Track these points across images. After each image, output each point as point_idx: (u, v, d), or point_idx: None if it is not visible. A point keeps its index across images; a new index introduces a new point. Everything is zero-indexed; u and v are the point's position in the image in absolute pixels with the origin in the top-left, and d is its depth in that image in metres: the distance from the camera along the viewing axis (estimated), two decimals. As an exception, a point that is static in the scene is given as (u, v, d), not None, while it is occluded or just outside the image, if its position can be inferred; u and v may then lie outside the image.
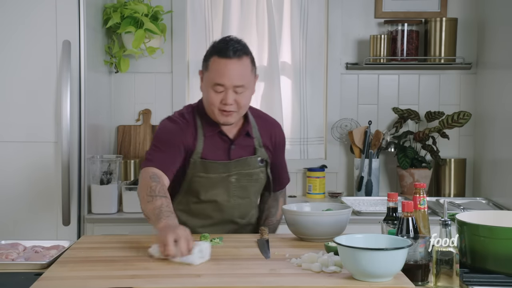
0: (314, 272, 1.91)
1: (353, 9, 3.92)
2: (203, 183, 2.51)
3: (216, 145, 2.51)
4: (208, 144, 2.50)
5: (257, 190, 2.63)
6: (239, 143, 2.54)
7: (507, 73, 3.45)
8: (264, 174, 2.60)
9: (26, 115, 3.17)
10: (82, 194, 3.22)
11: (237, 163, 2.52)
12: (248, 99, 2.47)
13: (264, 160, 2.59)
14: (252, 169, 2.55)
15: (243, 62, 2.41)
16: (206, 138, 2.50)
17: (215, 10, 3.88)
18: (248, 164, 2.54)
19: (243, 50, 2.42)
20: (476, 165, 3.89)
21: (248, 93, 2.45)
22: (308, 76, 3.92)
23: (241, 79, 2.39)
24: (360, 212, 3.33)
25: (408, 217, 1.98)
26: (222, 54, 2.39)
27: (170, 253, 2.03)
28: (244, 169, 2.53)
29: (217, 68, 2.39)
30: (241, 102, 2.42)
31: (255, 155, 2.56)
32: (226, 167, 2.51)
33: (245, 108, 2.48)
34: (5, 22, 3.15)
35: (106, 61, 3.63)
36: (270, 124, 2.67)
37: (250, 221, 2.65)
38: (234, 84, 2.38)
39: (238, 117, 2.48)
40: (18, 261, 2.09)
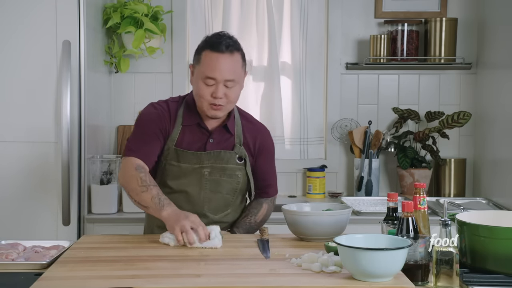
0: (314, 272, 1.91)
1: (353, 9, 3.92)
2: (174, 172, 2.53)
3: (194, 137, 2.54)
4: (186, 133, 2.53)
5: (233, 188, 2.59)
6: (218, 138, 2.55)
7: (507, 73, 3.45)
8: (243, 173, 2.59)
9: (26, 115, 3.17)
10: (82, 194, 3.22)
11: (210, 155, 2.53)
12: (237, 93, 2.50)
13: (243, 159, 2.58)
14: (226, 164, 2.55)
15: (234, 57, 2.45)
16: (184, 128, 2.53)
17: (215, 10, 3.88)
18: (222, 158, 2.54)
19: (235, 46, 2.47)
20: (476, 165, 3.89)
21: (237, 88, 2.48)
22: (308, 76, 3.92)
23: (232, 73, 2.43)
24: (360, 212, 3.34)
25: (408, 217, 1.98)
26: (214, 48, 2.43)
27: (191, 240, 2.18)
28: (217, 163, 2.54)
29: (209, 62, 2.43)
30: (231, 96, 2.46)
31: (232, 151, 2.56)
32: (199, 159, 2.52)
33: (234, 103, 2.52)
34: (5, 22, 3.15)
35: (106, 61, 3.63)
36: (257, 128, 2.67)
37: (224, 219, 2.60)
38: (225, 78, 2.42)
39: (226, 112, 2.51)
40: (18, 261, 2.09)
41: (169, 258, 2.12)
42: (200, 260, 2.10)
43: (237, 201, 2.65)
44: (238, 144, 2.58)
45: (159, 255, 2.15)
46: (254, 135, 2.63)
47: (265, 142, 2.66)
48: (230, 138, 2.57)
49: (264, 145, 2.65)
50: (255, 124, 2.68)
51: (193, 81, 2.51)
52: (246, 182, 2.63)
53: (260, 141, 2.64)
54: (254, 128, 2.65)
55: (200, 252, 2.18)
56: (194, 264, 2.05)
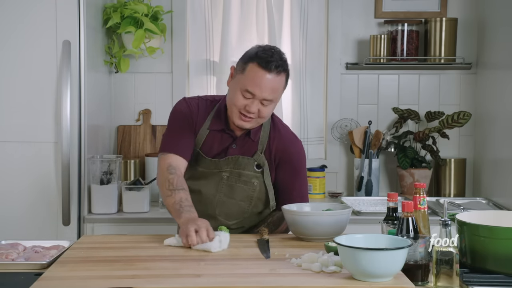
0: (314, 272, 1.91)
1: (353, 9, 3.92)
2: (193, 173, 2.55)
3: (218, 141, 2.53)
4: (210, 137, 2.53)
5: (249, 195, 2.54)
6: (241, 144, 2.53)
7: (507, 73, 3.45)
8: (260, 182, 2.54)
9: (26, 115, 3.17)
10: (82, 194, 3.22)
11: (228, 160, 2.52)
12: (271, 111, 2.47)
13: (261, 167, 2.53)
14: (243, 170, 2.52)
15: (280, 78, 2.40)
16: (210, 132, 2.53)
17: (215, 10, 3.88)
18: (240, 163, 2.52)
19: (283, 67, 2.41)
20: (476, 165, 3.89)
21: (272, 106, 2.44)
22: (308, 76, 3.92)
23: (272, 94, 2.39)
24: (360, 212, 3.34)
25: (408, 217, 1.98)
26: (263, 65, 2.36)
27: (193, 242, 2.18)
28: (235, 168, 2.52)
29: (254, 76, 2.37)
30: (264, 113, 2.42)
31: (251, 157, 2.52)
32: (217, 165, 2.53)
33: (265, 119, 2.48)
34: (5, 22, 3.15)
35: (106, 61, 3.63)
36: (283, 137, 2.57)
37: (240, 225, 2.58)
38: (264, 97, 2.38)
39: (255, 125, 2.48)
40: (18, 261, 2.09)
41: (169, 258, 2.12)
42: (200, 260, 2.10)
43: (255, 210, 2.58)
44: (259, 152, 2.52)
45: (159, 255, 2.15)
46: (278, 144, 2.54)
47: (288, 153, 2.55)
48: (253, 145, 2.53)
49: (286, 156, 2.55)
50: (283, 134, 2.58)
51: (231, 86, 2.47)
52: (264, 191, 2.56)
53: (283, 151, 2.54)
54: (280, 138, 2.56)
55: (200, 252, 2.18)
56: (194, 264, 2.05)
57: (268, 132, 2.55)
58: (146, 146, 3.80)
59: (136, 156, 3.79)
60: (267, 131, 2.55)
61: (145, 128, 3.84)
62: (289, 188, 2.57)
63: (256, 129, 2.53)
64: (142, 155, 3.76)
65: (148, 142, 3.81)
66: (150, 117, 3.86)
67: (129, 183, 3.41)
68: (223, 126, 2.52)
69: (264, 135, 2.54)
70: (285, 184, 2.57)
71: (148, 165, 3.67)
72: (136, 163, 3.70)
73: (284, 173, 2.56)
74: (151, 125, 3.85)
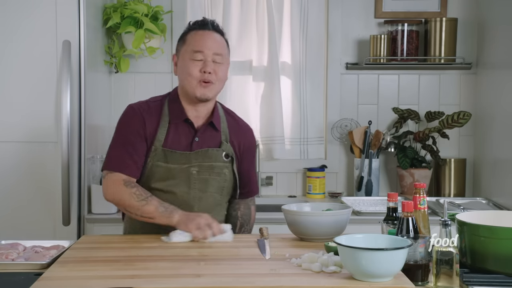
0: (314, 272, 1.91)
1: (353, 9, 3.92)
2: (161, 173, 2.48)
3: (180, 135, 2.51)
4: (172, 133, 2.50)
5: (221, 186, 2.55)
6: (203, 135, 2.53)
7: (507, 73, 3.45)
8: (230, 171, 2.57)
9: (26, 115, 3.17)
10: (82, 194, 3.22)
11: (198, 154, 2.50)
12: (225, 73, 2.52)
13: (230, 156, 2.56)
14: (214, 162, 2.52)
15: (219, 36, 2.51)
16: (170, 126, 2.50)
17: (215, 10, 3.88)
18: (210, 156, 2.51)
19: (219, 28, 2.53)
20: (476, 165, 3.89)
21: (225, 68, 2.51)
22: (308, 76, 3.92)
23: (219, 48, 2.47)
24: (360, 212, 3.34)
25: (408, 217, 1.98)
26: (201, 27, 2.50)
27: (207, 235, 2.28)
28: (205, 161, 2.51)
29: (196, 38, 2.47)
30: (219, 73, 2.47)
31: (219, 148, 2.53)
32: (187, 158, 2.49)
33: (221, 83, 2.52)
34: (5, 22, 3.15)
35: (106, 61, 3.63)
36: (241, 127, 2.66)
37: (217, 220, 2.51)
38: (213, 51, 2.45)
39: (215, 92, 2.50)
40: (18, 261, 2.09)
41: (169, 258, 2.12)
42: (200, 260, 2.10)
43: (224, 200, 2.61)
44: (224, 141, 2.55)
45: (159, 255, 2.15)
46: (239, 135, 2.61)
47: (250, 142, 2.65)
48: (216, 135, 2.55)
49: (248, 145, 2.64)
50: (239, 123, 2.66)
51: (179, 68, 2.51)
52: (232, 180, 2.59)
53: (245, 142, 2.62)
54: (238, 126, 2.64)
55: (200, 252, 2.19)
56: (194, 264, 2.05)
57: (226, 123, 2.59)
58: (146, 146, 3.80)
59: (136, 156, 3.78)
60: (225, 122, 2.59)
61: (145, 128, 3.84)
62: (251, 173, 2.67)
63: (217, 119, 2.55)
64: (142, 155, 3.76)
65: (148, 142, 3.81)
66: (150, 117, 3.85)
67: (129, 183, 3.41)
68: (184, 116, 2.50)
69: (224, 125, 2.58)
70: (248, 170, 2.65)
71: (148, 165, 3.66)
72: (136, 163, 3.69)
73: (247, 160, 2.64)
74: (151, 125, 3.84)
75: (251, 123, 3.91)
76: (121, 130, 2.53)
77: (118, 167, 2.45)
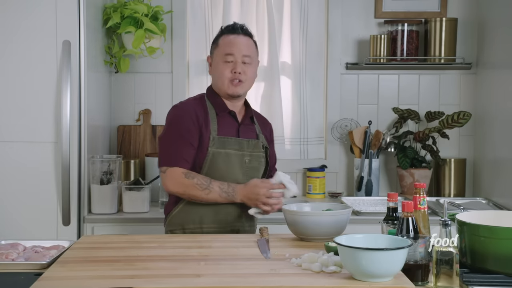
0: (314, 272, 1.91)
1: (353, 9, 3.92)
2: (222, 160, 2.67)
3: (228, 125, 2.72)
4: (221, 123, 2.71)
5: (261, 173, 2.79)
6: (244, 127, 2.76)
7: (507, 73, 3.45)
8: (265, 159, 2.81)
9: (26, 115, 3.17)
10: (82, 194, 3.22)
11: (250, 143, 2.74)
12: (254, 73, 2.75)
13: (264, 146, 2.81)
14: (259, 152, 2.77)
15: (249, 39, 2.74)
16: (218, 117, 2.71)
17: (215, 10, 3.88)
18: (258, 146, 2.77)
19: (248, 32, 2.76)
20: (476, 165, 3.89)
21: (254, 68, 2.74)
22: (308, 76, 3.92)
23: (248, 50, 2.70)
24: (360, 212, 3.34)
25: (408, 217, 1.98)
26: (231, 31, 2.72)
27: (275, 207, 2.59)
28: (255, 151, 2.75)
29: (227, 42, 2.70)
30: (248, 73, 2.70)
31: (258, 140, 2.78)
32: (240, 145, 2.71)
33: (251, 81, 2.74)
34: (5, 23, 3.14)
35: (106, 61, 3.63)
36: (265, 120, 2.95)
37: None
38: (242, 53, 2.68)
39: (245, 90, 2.73)
40: (18, 261, 2.09)
41: (169, 258, 2.12)
42: (200, 260, 2.10)
43: None
44: (259, 133, 2.81)
45: (159, 255, 2.16)
46: (265, 125, 2.89)
47: (271, 134, 2.94)
48: (252, 128, 2.80)
49: (271, 134, 2.93)
50: (263, 117, 2.95)
51: (213, 69, 2.75)
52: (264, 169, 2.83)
53: (269, 131, 2.91)
54: (263, 120, 2.93)
55: (200, 252, 2.19)
56: (194, 264, 2.05)
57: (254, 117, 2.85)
58: (146, 146, 3.80)
59: (136, 156, 3.79)
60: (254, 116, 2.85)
61: (145, 128, 3.84)
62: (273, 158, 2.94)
63: (250, 111, 2.81)
64: (142, 155, 3.76)
65: (148, 142, 3.81)
66: (150, 117, 3.86)
67: (129, 183, 3.41)
68: (225, 109, 2.72)
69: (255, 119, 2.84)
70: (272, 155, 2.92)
71: (148, 165, 3.67)
72: (136, 163, 3.70)
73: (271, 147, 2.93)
74: (151, 125, 3.85)
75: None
76: (174, 127, 2.69)
77: (176, 162, 2.64)
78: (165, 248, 2.26)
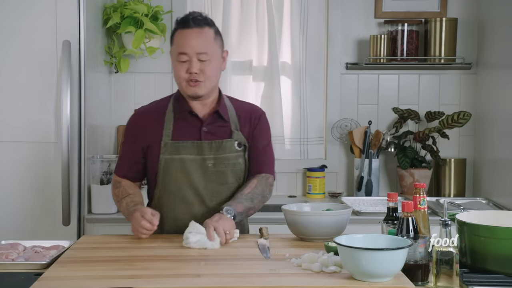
0: (314, 272, 1.92)
1: (353, 9, 3.92)
2: (177, 167, 2.50)
3: (188, 127, 2.52)
4: (179, 126, 2.52)
5: (238, 176, 2.55)
6: (212, 126, 2.52)
7: (507, 73, 3.45)
8: (243, 159, 2.56)
9: (26, 115, 3.17)
10: (82, 194, 3.22)
11: (211, 145, 2.50)
12: (215, 70, 2.47)
13: (242, 144, 2.55)
14: (229, 153, 2.52)
15: (204, 31, 2.44)
16: (175, 121, 2.52)
17: (215, 10, 3.88)
18: (224, 148, 2.51)
19: (204, 21, 2.47)
20: (476, 165, 3.89)
21: (214, 64, 2.46)
22: (308, 76, 3.92)
23: (203, 46, 2.42)
24: (360, 212, 3.34)
25: (408, 217, 1.98)
26: (182, 25, 2.46)
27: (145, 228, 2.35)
28: (219, 153, 2.51)
29: (179, 39, 2.45)
30: (207, 72, 2.44)
31: (231, 138, 2.53)
32: (199, 148, 2.50)
33: (213, 80, 2.48)
34: (5, 22, 3.15)
35: (106, 61, 3.63)
36: (251, 108, 2.64)
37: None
38: (196, 51, 2.41)
39: (206, 90, 2.47)
40: (18, 261, 2.09)
41: (169, 258, 2.12)
42: (200, 260, 2.10)
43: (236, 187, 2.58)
44: (235, 130, 2.54)
45: (159, 255, 2.15)
46: (249, 116, 2.59)
47: (261, 121, 2.61)
48: (225, 125, 2.54)
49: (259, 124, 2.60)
50: (248, 105, 2.67)
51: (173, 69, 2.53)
52: (246, 166, 2.58)
53: (254, 121, 2.59)
54: (248, 109, 2.62)
55: (200, 252, 2.19)
56: (194, 264, 2.05)
57: (233, 109, 2.58)
58: (146, 146, 3.80)
59: (136, 156, 3.78)
60: (233, 110, 2.58)
61: (145, 128, 3.84)
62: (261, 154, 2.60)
63: (223, 107, 2.55)
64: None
65: (148, 142, 3.81)
66: (150, 117, 3.85)
67: (129, 183, 3.41)
68: (188, 108, 2.52)
69: (232, 114, 2.57)
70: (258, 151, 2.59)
71: (148, 165, 3.66)
72: (136, 163, 3.69)
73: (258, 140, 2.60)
74: (151, 125, 3.84)
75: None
76: (125, 134, 2.66)
77: (116, 169, 2.66)
78: (165, 248, 2.25)
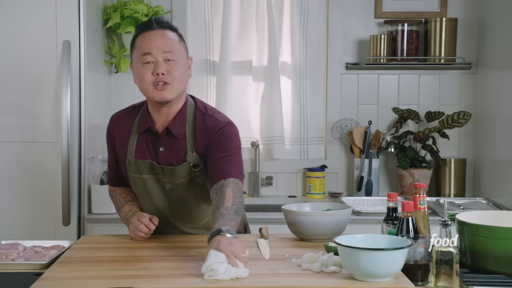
0: (314, 272, 1.91)
1: (353, 9, 3.92)
2: (140, 185, 2.42)
3: (147, 145, 2.38)
4: (140, 143, 2.39)
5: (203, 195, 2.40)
6: (168, 144, 2.36)
7: (507, 73, 3.45)
8: (203, 178, 2.37)
9: (26, 115, 3.17)
10: (82, 194, 3.22)
11: (165, 171, 2.36)
12: (182, 72, 2.31)
13: (198, 165, 2.34)
14: (184, 178, 2.35)
15: (168, 32, 2.33)
16: (139, 136, 2.39)
17: (215, 10, 3.88)
18: (177, 174, 2.35)
19: (167, 24, 2.37)
20: (476, 165, 3.89)
21: (181, 66, 2.31)
22: (308, 76, 3.92)
23: (168, 45, 2.30)
24: (360, 212, 3.34)
25: (408, 217, 1.98)
26: (145, 28, 2.33)
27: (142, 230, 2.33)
28: (173, 179, 2.36)
29: (143, 41, 2.31)
30: (174, 73, 2.28)
31: (185, 162, 2.34)
32: (155, 170, 2.37)
33: (181, 82, 2.31)
34: (5, 22, 3.15)
35: (106, 61, 3.63)
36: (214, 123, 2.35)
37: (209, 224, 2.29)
38: (162, 50, 2.28)
39: (175, 93, 2.29)
40: (18, 261, 2.09)
41: (169, 258, 2.12)
42: (200, 260, 2.09)
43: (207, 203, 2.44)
44: (190, 152, 2.34)
45: (159, 255, 2.15)
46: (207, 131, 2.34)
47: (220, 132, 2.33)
48: (180, 143, 2.35)
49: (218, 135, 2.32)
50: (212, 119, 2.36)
51: (135, 76, 2.36)
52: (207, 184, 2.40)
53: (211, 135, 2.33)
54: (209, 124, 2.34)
55: (200, 252, 2.18)
56: (194, 264, 2.04)
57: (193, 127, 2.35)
58: (146, 146, 3.80)
59: (136, 156, 3.78)
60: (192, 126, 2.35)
61: (145, 128, 3.83)
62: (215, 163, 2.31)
63: (178, 126, 2.34)
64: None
65: (148, 142, 3.81)
66: (150, 117, 3.85)
67: (129, 183, 3.41)
68: (149, 123, 2.37)
69: (189, 131, 2.35)
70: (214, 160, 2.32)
71: (148, 165, 3.66)
72: (136, 163, 3.69)
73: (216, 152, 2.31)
74: (151, 125, 3.84)
75: (251, 123, 3.93)
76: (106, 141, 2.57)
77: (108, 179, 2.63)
78: (165, 248, 2.25)
